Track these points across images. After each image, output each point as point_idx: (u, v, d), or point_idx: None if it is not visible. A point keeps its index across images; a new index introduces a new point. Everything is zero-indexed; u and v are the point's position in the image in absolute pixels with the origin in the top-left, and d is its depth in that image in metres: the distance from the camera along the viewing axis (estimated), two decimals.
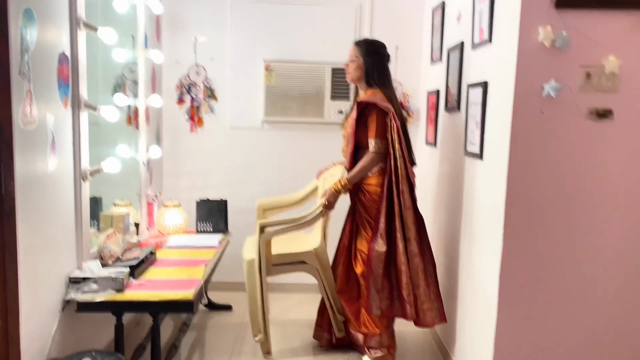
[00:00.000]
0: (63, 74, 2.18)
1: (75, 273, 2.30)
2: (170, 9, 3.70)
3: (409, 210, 2.70)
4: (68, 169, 2.28)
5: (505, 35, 2.24)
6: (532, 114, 2.14)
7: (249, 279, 2.93)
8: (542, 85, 2.11)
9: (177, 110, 3.79)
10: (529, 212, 2.19)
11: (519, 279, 2.22)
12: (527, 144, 2.16)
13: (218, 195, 3.67)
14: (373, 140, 2.75)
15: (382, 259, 2.69)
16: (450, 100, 3.04)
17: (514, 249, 2.20)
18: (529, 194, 2.18)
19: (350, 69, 2.89)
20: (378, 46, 2.89)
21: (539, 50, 2.10)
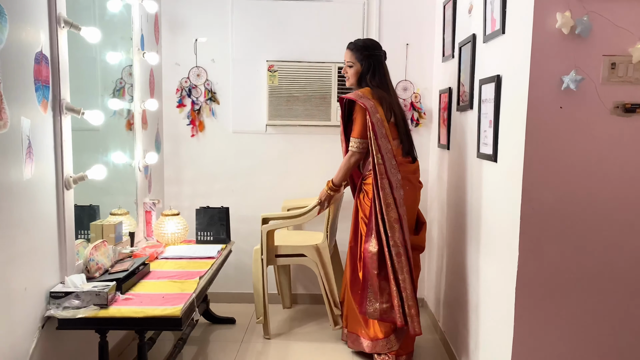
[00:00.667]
0: (41, 75, 2.05)
1: (57, 287, 2.15)
2: (170, 9, 3.57)
3: (389, 207, 2.64)
4: (49, 176, 2.13)
5: (519, 23, 2.03)
6: (549, 109, 1.92)
7: (255, 265, 3.22)
8: (560, 77, 1.90)
9: (177, 114, 3.65)
10: (547, 219, 1.97)
11: (537, 291, 2.00)
12: (544, 144, 1.94)
13: (221, 203, 3.52)
14: (353, 139, 2.78)
15: (375, 259, 2.67)
16: (462, 99, 2.83)
17: (531, 258, 1.98)
18: (547, 199, 1.96)
19: (348, 75, 2.89)
20: (373, 48, 2.84)
21: (557, 39, 1.89)
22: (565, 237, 1.97)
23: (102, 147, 2.94)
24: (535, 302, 2.01)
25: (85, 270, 2.33)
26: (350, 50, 2.85)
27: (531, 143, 1.94)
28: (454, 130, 3.03)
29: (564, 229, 1.97)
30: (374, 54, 2.82)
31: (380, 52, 2.85)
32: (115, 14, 2.93)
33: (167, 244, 3.13)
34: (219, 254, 2.98)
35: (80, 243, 2.48)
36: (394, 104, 2.79)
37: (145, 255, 2.78)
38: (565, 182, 1.95)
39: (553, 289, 2.00)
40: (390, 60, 3.57)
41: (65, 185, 2.21)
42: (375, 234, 2.68)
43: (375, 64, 2.81)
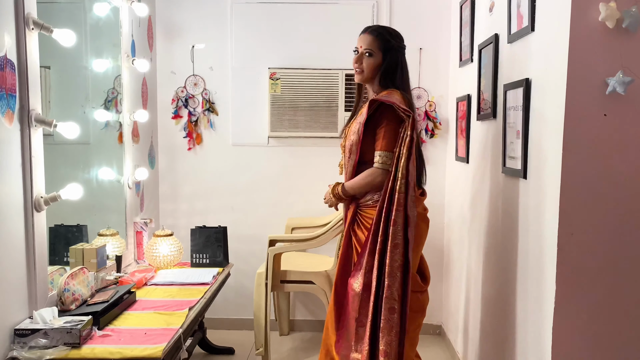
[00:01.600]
0: (5, 83, 1.80)
1: (24, 324, 1.89)
2: (165, 13, 3.33)
3: (395, 249, 2.03)
4: (15, 197, 1.88)
5: (552, 18, 1.75)
6: (591, 117, 1.63)
7: (257, 290, 2.96)
8: (605, 79, 1.61)
9: (173, 126, 3.40)
10: (590, 246, 1.67)
11: (579, 331, 1.69)
12: (585, 158, 1.65)
13: (220, 221, 3.25)
14: (381, 152, 2.09)
15: (357, 301, 2.08)
16: (483, 107, 2.54)
17: (572, 295, 1.68)
18: (590, 223, 1.66)
19: (365, 66, 2.18)
20: (400, 39, 2.23)
21: (600, 34, 1.60)
22: (612, 270, 1.67)
23: (93, 162, 2.71)
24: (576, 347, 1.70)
25: (59, 303, 2.07)
26: (372, 35, 2.18)
27: (570, 157, 1.65)
28: (474, 141, 2.74)
29: (611, 260, 1.66)
30: (401, 48, 2.21)
31: (404, 45, 2.25)
32: (105, 19, 2.70)
33: (159, 267, 2.87)
34: (214, 279, 2.71)
35: (57, 270, 2.22)
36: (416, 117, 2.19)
37: (132, 281, 2.51)
38: (611, 204, 1.65)
39: (597, 333, 1.69)
40: None
41: (35, 206, 1.96)
42: (364, 272, 2.07)
43: (403, 61, 2.20)
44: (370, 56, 2.17)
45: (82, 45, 2.66)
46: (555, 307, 1.69)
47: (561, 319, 1.68)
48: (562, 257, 1.68)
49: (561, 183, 1.66)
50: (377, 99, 2.11)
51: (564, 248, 1.67)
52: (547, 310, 1.72)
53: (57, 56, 2.47)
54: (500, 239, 2.26)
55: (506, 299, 2.18)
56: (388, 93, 2.13)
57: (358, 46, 2.21)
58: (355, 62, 2.21)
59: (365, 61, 2.19)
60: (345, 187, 2.21)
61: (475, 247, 2.68)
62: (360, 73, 2.21)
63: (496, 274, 2.32)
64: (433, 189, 3.39)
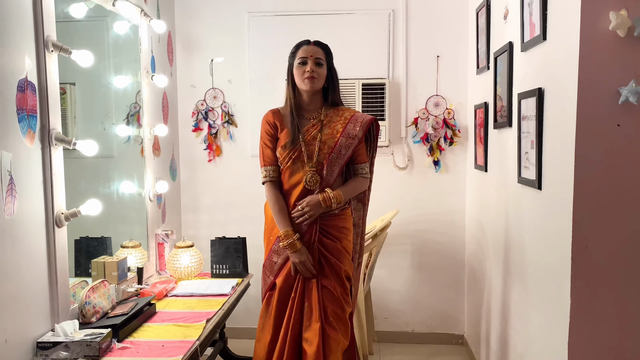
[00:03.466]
0: (26, 104, 1.87)
1: (46, 337, 1.95)
2: (184, 29, 3.40)
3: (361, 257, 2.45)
4: (37, 214, 1.95)
5: (563, 27, 1.72)
6: (604, 128, 1.60)
7: None
8: (617, 89, 1.57)
9: (194, 138, 3.46)
10: (605, 258, 1.63)
11: (594, 345, 1.65)
12: (598, 169, 1.61)
13: (239, 231, 3.28)
14: (365, 165, 2.34)
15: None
16: (500, 115, 2.51)
17: (587, 310, 1.64)
18: (604, 235, 1.63)
19: (319, 75, 2.23)
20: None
21: (611, 43, 1.57)
22: (628, 282, 1.63)
23: (117, 175, 2.79)
24: None
25: (80, 315, 2.13)
26: (320, 47, 2.27)
27: (582, 168, 1.62)
28: (492, 150, 2.71)
29: (626, 272, 1.62)
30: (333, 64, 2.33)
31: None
32: (125, 37, 2.77)
33: (181, 278, 2.91)
34: (233, 290, 2.74)
35: (79, 283, 2.28)
36: None
37: (152, 293, 2.56)
38: (626, 215, 1.61)
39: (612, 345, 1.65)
40: (420, 74, 3.32)
41: (56, 222, 2.02)
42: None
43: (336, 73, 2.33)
44: (321, 66, 2.23)
45: (105, 62, 2.74)
46: (571, 320, 1.65)
47: (576, 332, 1.65)
48: (576, 269, 1.64)
49: (574, 194, 1.63)
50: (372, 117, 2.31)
51: (578, 260, 1.64)
52: (563, 323, 1.69)
53: (81, 73, 2.54)
54: (517, 250, 2.22)
55: (524, 311, 2.14)
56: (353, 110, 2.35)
57: (306, 55, 2.22)
58: (311, 69, 2.20)
59: (318, 70, 2.22)
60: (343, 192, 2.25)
61: (495, 257, 2.64)
62: (313, 80, 2.21)
63: (513, 285, 2.28)
64: (454, 197, 3.36)
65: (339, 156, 2.23)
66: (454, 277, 3.42)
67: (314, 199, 2.21)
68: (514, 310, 2.27)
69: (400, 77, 3.34)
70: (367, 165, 2.33)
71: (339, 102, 2.34)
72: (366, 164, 2.32)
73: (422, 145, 3.36)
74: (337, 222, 2.27)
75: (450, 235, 3.39)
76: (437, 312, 3.44)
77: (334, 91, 2.31)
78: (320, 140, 2.25)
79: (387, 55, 3.33)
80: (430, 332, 3.45)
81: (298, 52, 2.26)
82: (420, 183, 3.38)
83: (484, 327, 2.89)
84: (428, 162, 3.36)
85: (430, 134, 3.32)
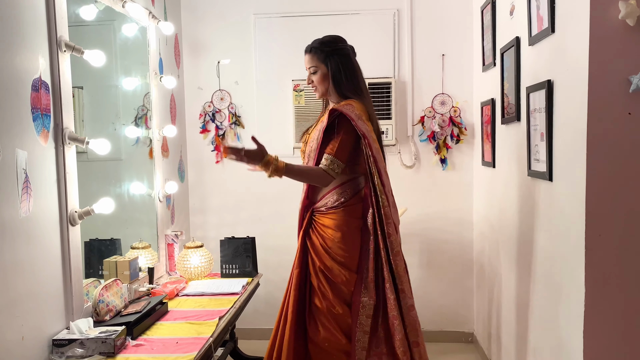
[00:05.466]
0: (40, 103, 1.89)
1: (61, 334, 1.96)
2: (190, 31, 3.43)
3: (398, 256, 2.17)
4: (51, 212, 1.96)
5: (571, 18, 1.74)
6: (615, 117, 1.61)
7: None
8: (628, 78, 1.59)
9: (201, 140, 3.48)
10: (619, 247, 1.64)
11: (610, 335, 1.66)
12: (610, 158, 1.62)
13: (248, 232, 3.29)
14: (328, 156, 2.14)
15: (371, 314, 2.16)
16: (507, 110, 2.52)
17: (602, 297, 1.65)
18: (618, 223, 1.63)
19: (316, 82, 2.27)
20: (336, 42, 2.28)
21: (621, 33, 1.59)
22: None
23: (125, 177, 2.81)
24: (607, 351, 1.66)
25: (94, 314, 2.14)
26: (309, 54, 2.27)
27: (594, 157, 1.63)
28: (500, 145, 2.72)
29: None
30: (340, 50, 2.25)
31: (346, 46, 2.29)
32: (134, 39, 2.80)
33: (191, 278, 2.92)
34: (243, 289, 2.75)
35: (92, 282, 2.29)
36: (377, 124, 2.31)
37: (163, 292, 2.57)
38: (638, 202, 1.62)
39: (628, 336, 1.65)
40: (426, 73, 3.34)
41: (70, 221, 2.04)
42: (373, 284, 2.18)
43: (345, 62, 2.25)
44: (315, 72, 2.27)
45: (113, 65, 2.77)
46: (585, 310, 1.66)
47: (591, 323, 1.65)
48: (590, 259, 1.65)
49: (587, 184, 1.64)
50: (337, 108, 2.16)
51: (592, 250, 1.65)
52: (577, 314, 1.70)
53: (89, 76, 2.57)
54: (529, 243, 2.23)
55: (537, 304, 2.15)
56: (348, 103, 2.21)
57: (305, 67, 2.32)
58: (308, 83, 2.34)
59: (314, 78, 2.29)
60: (288, 166, 2.18)
61: (505, 252, 2.65)
62: (316, 90, 2.33)
63: (526, 279, 2.29)
64: (461, 194, 3.37)
65: (309, 148, 2.32)
66: (463, 274, 3.42)
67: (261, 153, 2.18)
68: (527, 305, 2.27)
69: (406, 76, 3.36)
70: (328, 157, 2.15)
71: (347, 95, 2.25)
72: (328, 155, 2.15)
73: (428, 143, 3.37)
74: (322, 220, 2.27)
75: (458, 233, 3.40)
76: (446, 310, 3.44)
77: (336, 87, 2.26)
78: (310, 137, 2.35)
79: (393, 54, 3.36)
80: (440, 331, 3.44)
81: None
82: (428, 181, 3.39)
83: (494, 324, 2.89)
84: (435, 160, 3.38)
85: (436, 132, 3.33)
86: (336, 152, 2.15)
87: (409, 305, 2.19)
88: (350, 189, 2.26)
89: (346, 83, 2.25)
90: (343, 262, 2.21)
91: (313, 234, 2.29)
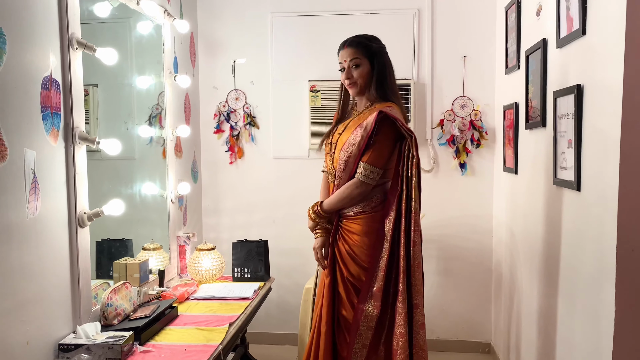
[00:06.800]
0: (50, 102, 1.84)
1: (67, 339, 1.91)
2: (206, 30, 3.38)
3: (419, 267, 2.09)
4: (60, 213, 1.91)
5: (605, 19, 1.64)
6: None
7: (303, 306, 2.83)
8: None
9: (216, 140, 3.42)
10: None
11: None
12: None
13: (261, 234, 3.24)
14: (366, 165, 2.06)
15: (372, 326, 2.07)
16: (531, 115, 2.43)
17: (634, 312, 1.55)
18: None
19: (357, 77, 2.14)
20: (378, 40, 2.20)
21: None
22: None
23: (139, 177, 2.77)
24: None
25: (102, 317, 2.09)
26: (353, 47, 2.14)
27: (628, 167, 1.53)
28: (523, 151, 2.62)
29: None
30: (383, 47, 2.18)
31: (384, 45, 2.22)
32: (148, 37, 2.75)
33: (202, 281, 2.87)
34: (255, 294, 2.68)
35: (101, 285, 2.25)
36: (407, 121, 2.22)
37: (174, 296, 2.52)
38: None
39: None
40: (446, 75, 3.25)
41: (79, 222, 1.99)
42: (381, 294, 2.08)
43: (389, 61, 2.18)
44: (359, 67, 2.14)
45: (128, 63, 2.73)
46: (615, 328, 1.56)
47: (622, 345, 1.55)
48: (621, 275, 1.55)
49: (619, 195, 1.54)
50: (386, 112, 2.06)
51: (624, 266, 1.55)
52: (606, 331, 1.60)
53: (104, 74, 2.53)
54: (552, 255, 2.13)
55: (560, 319, 2.05)
56: (389, 106, 2.11)
57: (342, 61, 2.18)
58: (346, 77, 2.17)
59: (355, 72, 2.15)
60: (323, 205, 2.21)
61: (527, 262, 2.55)
62: (354, 85, 2.17)
63: (549, 292, 2.19)
64: (481, 200, 3.27)
65: (346, 154, 2.14)
66: (481, 283, 3.32)
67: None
68: (551, 319, 2.18)
69: (425, 78, 3.27)
70: (366, 166, 2.07)
71: (387, 97, 2.16)
72: (365, 164, 2.07)
73: (447, 147, 3.28)
74: (349, 225, 2.17)
75: (476, 240, 3.30)
76: (463, 319, 3.34)
77: (378, 86, 2.15)
78: (339, 137, 2.20)
79: (412, 55, 3.27)
80: (456, 340, 3.35)
81: (338, 58, 2.22)
82: (446, 186, 3.30)
83: (513, 336, 2.79)
84: (454, 165, 3.28)
85: (456, 136, 3.24)
86: (374, 159, 2.07)
87: (420, 323, 2.09)
88: (380, 193, 2.17)
89: (389, 84, 2.17)
90: (370, 270, 2.12)
91: (340, 240, 2.20)
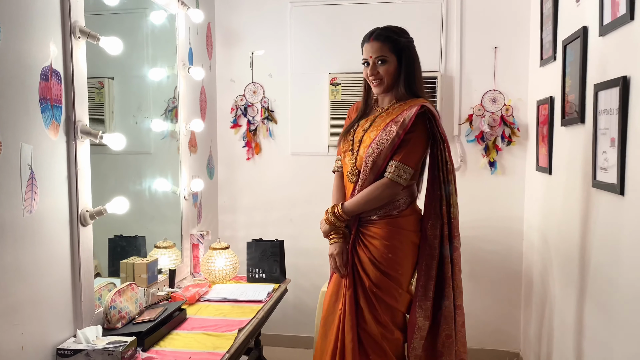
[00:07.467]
0: (50, 94, 1.74)
1: (66, 343, 1.82)
2: (224, 20, 3.26)
3: (460, 272, 2.06)
4: (60, 212, 1.82)
5: None
6: None
7: (319, 309, 2.63)
8: None
9: (232, 135, 3.31)
10: None
11: None
12: None
13: (278, 233, 3.12)
14: (399, 164, 1.95)
15: (424, 336, 2.04)
16: (568, 110, 2.23)
17: None
18: None
19: (383, 74, 2.02)
20: (406, 33, 2.07)
21: None
22: None
23: (154, 171, 2.69)
24: None
25: (105, 321, 1.99)
26: (379, 41, 2.00)
27: None
28: (558, 149, 2.42)
29: None
30: (411, 41, 2.06)
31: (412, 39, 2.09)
32: (162, 27, 2.65)
33: (215, 281, 2.76)
34: (269, 296, 2.56)
35: (106, 285, 2.16)
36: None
37: (183, 298, 2.42)
38: None
39: None
40: (476, 67, 3.06)
41: (81, 220, 1.89)
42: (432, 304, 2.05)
43: (416, 56, 2.06)
44: (385, 63, 2.02)
45: (144, 55, 2.64)
46: None
47: None
48: None
49: None
50: (428, 107, 1.96)
51: None
52: None
53: (120, 66, 2.45)
54: (589, 263, 1.94)
55: (596, 334, 1.86)
56: (422, 104, 1.98)
57: (366, 57, 2.05)
58: (371, 74, 2.04)
59: (381, 69, 2.02)
60: (345, 207, 2.03)
61: (560, 269, 2.36)
62: (380, 84, 2.05)
63: (584, 304, 2.00)
64: (511, 201, 3.08)
65: (376, 151, 1.98)
66: (510, 289, 3.12)
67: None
68: (586, 333, 1.99)
69: (453, 71, 3.08)
70: (398, 165, 1.95)
71: (415, 94, 2.04)
72: (397, 162, 1.95)
73: (476, 144, 3.09)
74: (371, 230, 2.04)
75: (506, 244, 3.10)
76: (490, 327, 3.16)
77: (406, 84, 2.03)
78: (364, 134, 2.05)
79: (440, 47, 3.08)
80: (482, 349, 3.16)
81: (362, 50, 2.07)
82: (474, 186, 3.11)
83: (544, 347, 2.60)
84: (483, 163, 3.09)
85: (485, 133, 3.04)
86: (407, 158, 1.96)
87: (461, 322, 2.09)
88: (406, 196, 2.04)
89: (417, 80, 2.05)
90: (395, 278, 2.01)
91: (360, 248, 2.05)
